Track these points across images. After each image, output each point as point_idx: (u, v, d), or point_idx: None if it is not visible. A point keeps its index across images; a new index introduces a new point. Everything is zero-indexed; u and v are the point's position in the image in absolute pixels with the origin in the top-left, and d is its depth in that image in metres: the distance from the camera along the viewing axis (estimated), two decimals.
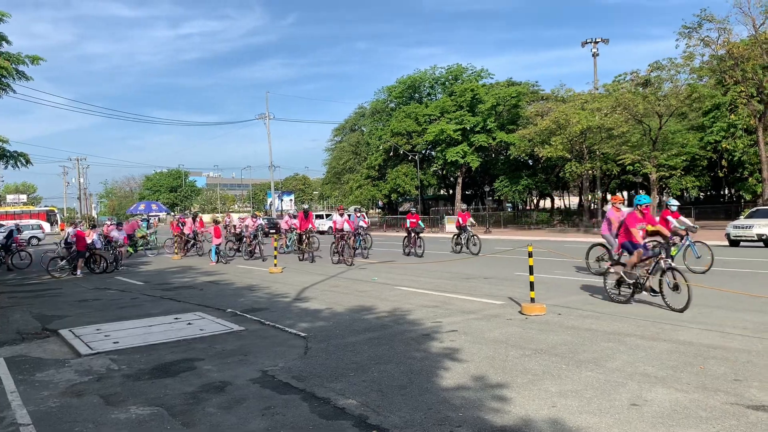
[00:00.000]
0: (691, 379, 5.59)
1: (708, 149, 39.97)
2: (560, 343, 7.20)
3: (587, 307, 9.73)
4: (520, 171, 49.30)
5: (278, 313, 10.10)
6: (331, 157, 64.67)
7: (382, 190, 53.99)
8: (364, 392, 5.52)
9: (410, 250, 21.63)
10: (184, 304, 11.56)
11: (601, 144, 37.25)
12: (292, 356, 7.02)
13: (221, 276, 16.58)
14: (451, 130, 47.14)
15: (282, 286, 13.65)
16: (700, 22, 31.32)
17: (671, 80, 34.64)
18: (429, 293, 11.83)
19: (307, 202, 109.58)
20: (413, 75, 54.41)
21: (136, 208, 48.37)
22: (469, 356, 6.74)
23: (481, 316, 9.16)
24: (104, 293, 13.79)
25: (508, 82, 53.06)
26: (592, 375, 5.85)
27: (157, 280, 16.07)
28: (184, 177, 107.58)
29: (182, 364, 6.80)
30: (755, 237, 22.61)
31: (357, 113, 62.60)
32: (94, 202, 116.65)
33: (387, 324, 8.79)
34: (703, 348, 6.75)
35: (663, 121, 34.98)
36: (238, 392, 5.68)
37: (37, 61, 19.85)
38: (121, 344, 7.93)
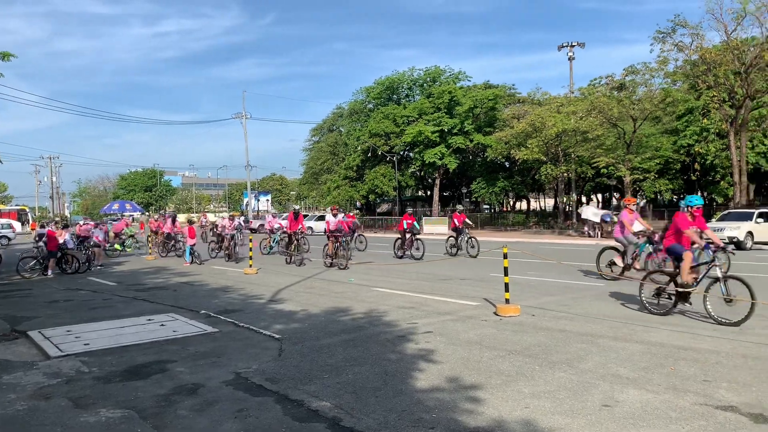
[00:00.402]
0: (661, 380, 5.66)
1: (681, 153, 40.61)
2: (534, 344, 7.25)
3: (561, 308, 9.82)
4: (497, 173, 49.61)
5: (252, 314, 10.03)
6: (309, 157, 64.52)
7: (360, 191, 53.96)
8: (338, 394, 5.50)
9: (404, 253, 20.51)
10: (158, 305, 11.41)
11: (576, 147, 37.68)
12: (266, 358, 6.96)
13: (195, 277, 16.40)
14: (429, 132, 47.28)
15: (257, 288, 13.55)
16: (674, 27, 31.87)
17: (645, 84, 35.19)
18: (405, 294, 11.83)
19: (284, 202, 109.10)
20: (391, 76, 54.46)
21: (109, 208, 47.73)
22: (443, 357, 6.75)
23: (456, 318, 9.19)
24: (76, 294, 13.56)
25: (486, 84, 53.41)
26: (565, 376, 5.89)
27: (131, 281, 15.86)
28: (159, 176, 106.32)
29: (154, 366, 6.71)
30: (726, 239, 22.98)
31: (335, 113, 62.56)
32: (67, 201, 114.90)
33: (362, 325, 8.78)
34: (674, 349, 6.85)
35: (637, 124, 35.49)
36: (210, 394, 5.62)
37: (7, 58, 19.47)
38: (92, 346, 7.80)
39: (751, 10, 28.82)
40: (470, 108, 47.09)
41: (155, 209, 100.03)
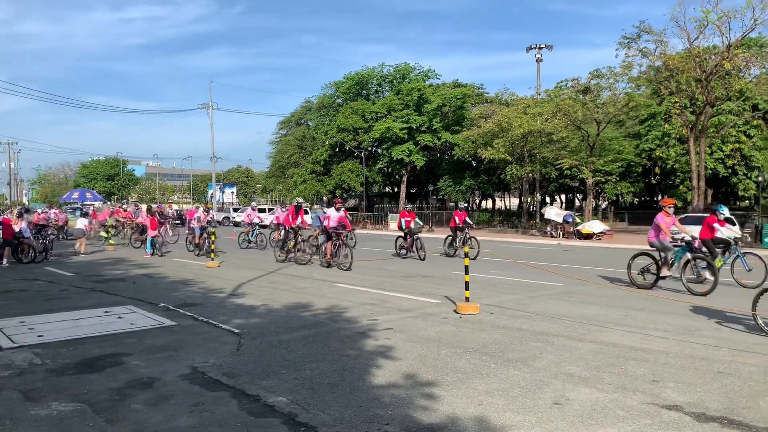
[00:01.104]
0: (612, 380, 5.81)
1: (643, 156, 41.54)
2: (491, 342, 7.37)
3: (519, 307, 9.98)
4: (464, 171, 50.02)
5: (212, 308, 9.96)
6: (276, 150, 64.13)
7: (327, 186, 53.87)
8: (294, 390, 5.51)
9: (407, 252, 19.22)
10: (116, 297, 11.25)
11: (541, 148, 38.23)
12: (224, 353, 6.94)
13: (156, 269, 16.20)
14: (397, 129, 47.43)
15: (218, 281, 13.45)
16: (639, 33, 32.49)
17: (610, 88, 35.87)
18: (368, 291, 11.88)
19: (250, 195, 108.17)
20: (361, 71, 54.44)
21: (69, 196, 46.66)
22: (402, 354, 6.81)
23: (416, 315, 9.27)
24: (31, 284, 13.28)
25: (454, 83, 53.75)
26: (519, 374, 6.01)
27: (89, 272, 15.58)
28: (122, 165, 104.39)
29: (109, 359, 6.63)
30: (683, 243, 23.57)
31: (303, 107, 62.26)
32: (26, 188, 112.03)
33: (323, 321, 8.80)
34: (626, 349, 7.03)
35: (601, 127, 36.16)
36: (166, 388, 5.59)
37: None
38: (46, 338, 7.67)
39: (713, 20, 29.55)
40: (439, 106, 47.37)
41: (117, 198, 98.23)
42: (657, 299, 10.93)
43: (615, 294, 11.68)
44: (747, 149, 38.70)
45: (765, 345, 7.23)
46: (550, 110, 36.55)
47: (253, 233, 23.98)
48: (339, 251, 16.29)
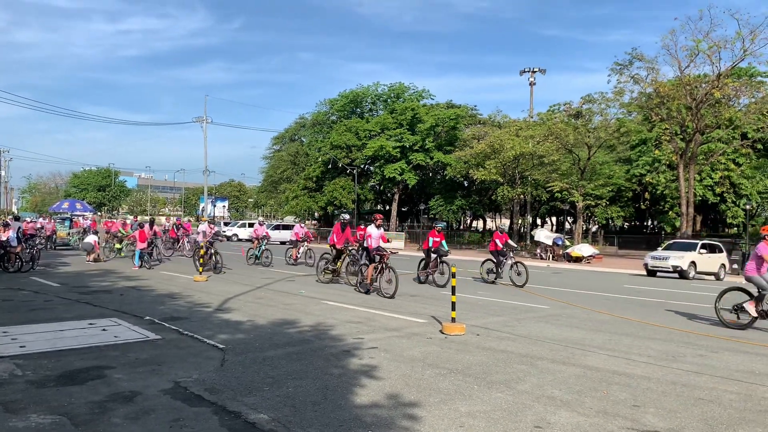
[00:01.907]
0: (593, 404, 5.83)
1: (633, 181, 41.89)
2: (475, 364, 7.37)
3: (505, 329, 10.00)
4: (455, 191, 50.25)
5: (198, 323, 9.92)
6: (269, 165, 64.18)
7: (319, 202, 53.93)
8: (276, 407, 5.50)
9: (428, 277, 17.29)
10: (101, 309, 11.18)
11: (532, 170, 38.50)
12: (208, 368, 6.91)
13: (143, 282, 16.12)
14: (390, 147, 47.65)
15: (205, 296, 13.40)
16: (631, 60, 33.01)
17: (601, 113, 36.29)
18: (355, 309, 11.87)
19: (242, 209, 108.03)
20: (356, 90, 54.79)
21: (59, 206, 46.37)
22: (386, 374, 6.81)
23: (402, 334, 9.27)
24: (16, 294, 13.18)
25: (448, 104, 54.20)
26: (502, 396, 6.02)
27: (75, 283, 15.48)
28: (114, 176, 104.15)
29: (91, 372, 6.59)
30: (670, 268, 23.78)
31: (298, 123, 62.46)
32: (16, 197, 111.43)
33: (308, 339, 8.78)
34: (609, 374, 7.06)
35: (592, 152, 36.51)
36: (147, 403, 5.55)
37: None
38: (28, 348, 7.61)
39: (704, 49, 30.07)
40: (432, 126, 47.68)
41: (108, 210, 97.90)
42: (639, 324, 10.97)
43: (600, 318, 11.72)
44: (736, 177, 39.14)
45: (746, 373, 7.28)
46: (542, 133, 36.88)
47: (259, 249, 23.13)
48: (381, 276, 14.41)
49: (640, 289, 18.46)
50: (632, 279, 23.25)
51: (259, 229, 23.75)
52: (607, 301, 14.59)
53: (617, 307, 13.47)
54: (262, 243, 23.20)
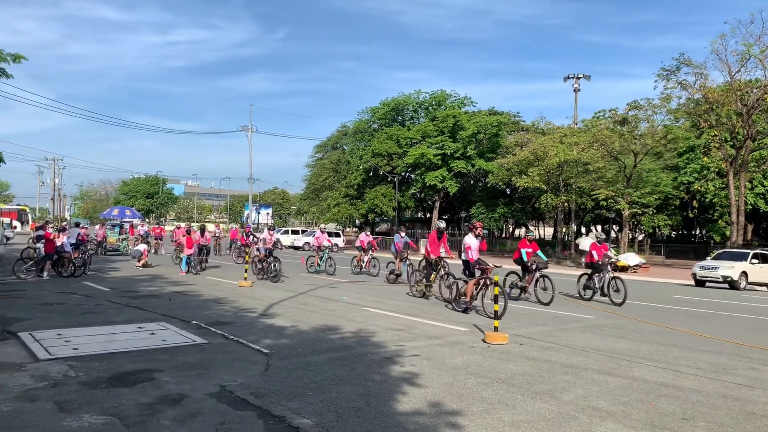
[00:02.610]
0: (640, 416, 5.72)
1: (681, 189, 40.87)
2: (518, 374, 7.31)
3: (549, 338, 9.88)
4: (497, 199, 49.86)
5: (243, 327, 10.09)
6: (312, 173, 64.83)
7: (360, 210, 54.16)
8: (320, 412, 5.56)
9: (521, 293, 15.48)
10: (149, 313, 11.47)
11: (577, 178, 37.91)
12: (253, 372, 7.02)
13: (189, 287, 16.47)
14: (431, 155, 47.59)
15: (250, 301, 13.61)
16: (678, 65, 32.30)
17: (648, 120, 35.55)
18: (396, 316, 11.89)
19: (285, 216, 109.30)
20: (397, 98, 54.96)
21: (109, 213, 47.71)
22: (428, 382, 6.81)
23: (444, 342, 9.25)
24: (69, 297, 13.62)
25: (490, 111, 53.86)
26: (546, 407, 5.95)
27: (124, 288, 15.92)
28: (161, 184, 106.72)
29: (141, 375, 6.77)
30: (720, 278, 23.12)
31: (339, 131, 62.95)
32: (68, 203, 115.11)
33: (350, 345, 8.84)
34: (656, 385, 6.91)
35: (638, 159, 35.77)
36: (194, 406, 5.68)
37: (19, 60, 19.74)
38: (81, 351, 7.86)
39: (755, 53, 29.23)
40: (474, 133, 47.46)
41: (156, 216, 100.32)
42: (688, 335, 10.70)
43: (647, 329, 11.47)
44: None
45: None
46: (586, 140, 36.31)
47: (322, 258, 22.47)
48: (482, 293, 12.58)
49: (689, 300, 17.99)
50: (680, 289, 22.67)
51: (321, 237, 22.99)
52: (655, 312, 14.25)
53: (665, 318, 13.15)
54: (325, 251, 22.55)
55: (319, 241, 22.82)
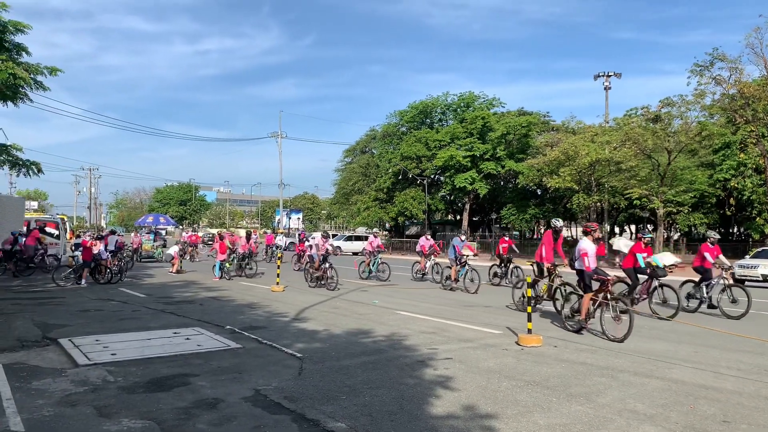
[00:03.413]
0: (679, 419, 5.61)
1: (717, 187, 39.94)
2: (553, 376, 7.23)
3: (584, 340, 9.74)
4: (528, 200, 49.39)
5: (276, 332, 10.17)
6: (341, 177, 65.04)
7: (390, 213, 54.16)
8: (354, 416, 5.57)
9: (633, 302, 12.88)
10: (184, 318, 11.64)
11: (609, 177, 37.34)
12: (286, 376, 7.07)
13: (223, 292, 16.67)
14: (460, 157, 47.38)
15: (282, 305, 13.71)
16: (712, 60, 31.63)
17: (681, 117, 34.84)
18: (428, 319, 11.86)
19: (315, 221, 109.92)
20: (425, 100, 54.86)
21: (144, 220, 48.62)
22: (461, 385, 6.77)
23: (477, 345, 9.19)
24: (106, 304, 13.89)
25: (519, 111, 53.42)
26: (582, 409, 5.87)
27: (160, 294, 16.18)
28: (194, 191, 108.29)
29: (177, 379, 6.87)
30: (760, 277, 22.57)
31: (368, 135, 63.06)
32: (104, 212, 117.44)
33: (383, 348, 8.84)
34: (695, 387, 6.77)
35: (672, 157, 35.10)
36: (229, 410, 5.74)
37: (55, 72, 20.21)
38: (119, 356, 8.01)
39: None
40: (503, 134, 47.10)
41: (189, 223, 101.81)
42: (728, 336, 10.44)
43: (685, 330, 11.24)
44: None
45: None
46: (618, 138, 35.75)
47: (375, 263, 21.64)
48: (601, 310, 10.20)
49: None
50: None
51: (374, 241, 22.02)
52: (692, 312, 13.95)
53: (702, 318, 12.88)
54: (377, 256, 21.67)
55: (372, 246, 21.97)
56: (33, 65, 19.88)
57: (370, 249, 21.84)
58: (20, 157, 21.72)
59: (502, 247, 19.16)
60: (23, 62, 19.69)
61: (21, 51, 19.97)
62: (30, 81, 19.13)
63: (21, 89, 19.41)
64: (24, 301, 14.31)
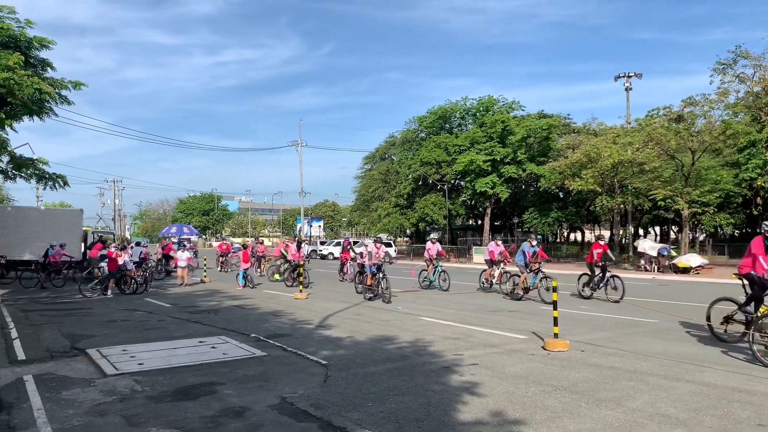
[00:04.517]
0: (713, 422, 5.49)
1: (743, 186, 39.30)
2: (581, 381, 7.13)
3: (611, 344, 9.61)
4: (550, 203, 48.99)
5: (300, 339, 10.18)
6: (361, 184, 65.15)
7: (410, 219, 54.08)
8: (380, 423, 5.54)
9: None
10: (209, 327, 11.71)
11: (632, 178, 36.93)
12: (312, 384, 7.07)
13: (247, 300, 16.75)
14: (480, 161, 47.19)
15: (306, 313, 13.74)
16: (735, 58, 31.27)
17: (705, 116, 34.33)
18: (452, 325, 11.79)
19: (336, 228, 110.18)
20: (444, 105, 54.81)
21: (168, 231, 49.24)
22: (488, 391, 6.71)
23: (503, 350, 9.11)
24: (132, 314, 14.03)
25: (540, 114, 53.11)
26: (612, 414, 5.78)
27: (184, 303, 16.30)
28: (216, 201, 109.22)
29: (203, 388, 6.90)
30: None
31: (387, 142, 63.13)
32: (128, 223, 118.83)
33: (408, 355, 8.80)
34: (728, 390, 6.63)
35: (696, 157, 34.62)
36: (256, 418, 5.75)
37: (79, 87, 20.57)
38: (146, 366, 8.07)
39: None
40: (523, 137, 46.84)
41: (212, 233, 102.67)
42: None
43: None
44: None
45: None
46: (641, 139, 35.33)
47: (435, 272, 20.18)
48: None
49: None
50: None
51: (433, 248, 20.29)
52: (722, 314, 13.67)
53: None
54: (438, 264, 20.16)
55: (430, 253, 20.35)
56: (57, 80, 20.24)
57: (429, 256, 20.42)
58: (47, 171, 22.10)
59: (596, 252, 16.42)
60: (48, 77, 20.06)
61: (46, 66, 20.35)
62: (55, 95, 19.47)
63: (46, 104, 19.75)
64: (52, 312, 14.50)
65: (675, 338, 10.23)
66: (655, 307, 14.90)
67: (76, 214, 26.81)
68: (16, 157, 21.77)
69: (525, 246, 16.83)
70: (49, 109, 20.61)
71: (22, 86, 17.08)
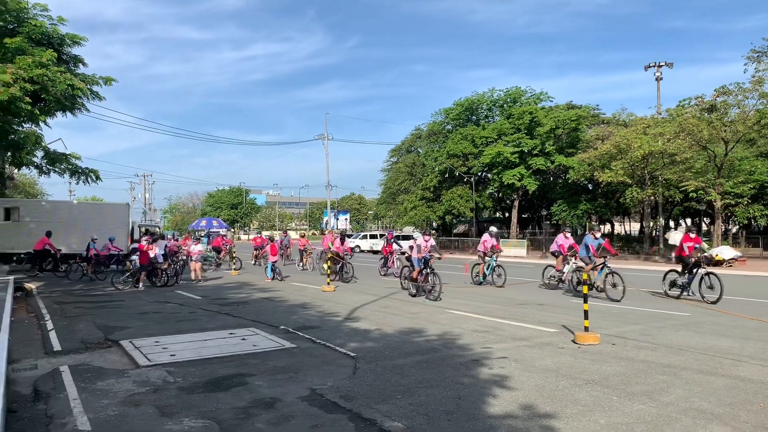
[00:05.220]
0: (749, 418, 5.39)
1: None
2: (613, 374, 7.05)
3: (643, 337, 9.48)
4: (579, 195, 48.41)
5: (329, 331, 10.23)
6: (387, 177, 65.16)
7: (437, 212, 53.93)
8: (410, 415, 5.54)
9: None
10: (239, 319, 11.83)
11: (663, 170, 36.30)
12: (341, 376, 7.10)
13: (276, 293, 16.88)
14: (508, 153, 46.79)
15: (334, 305, 13.80)
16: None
17: (739, 105, 33.50)
18: (480, 318, 11.75)
19: (362, 221, 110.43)
20: (471, 97, 54.37)
21: (197, 224, 49.87)
22: (518, 384, 6.67)
23: (532, 344, 9.05)
24: (164, 306, 14.24)
25: (568, 105, 52.45)
26: (645, 408, 5.70)
27: (215, 295, 16.50)
28: (244, 194, 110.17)
29: (234, 379, 6.98)
30: None
31: (413, 134, 62.95)
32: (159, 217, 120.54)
33: (436, 347, 8.79)
34: (764, 385, 6.49)
35: (729, 147, 33.88)
36: (286, 409, 5.79)
37: (110, 82, 20.89)
38: (178, 357, 8.19)
39: None
40: (551, 129, 46.30)
41: (240, 226, 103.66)
42: None
43: (750, 325, 10.81)
44: None
45: None
46: (672, 130, 34.67)
47: (489, 267, 18.86)
48: None
49: None
50: None
51: (489, 241, 18.90)
52: (756, 307, 13.42)
53: (766, 314, 12.38)
54: (493, 258, 18.81)
55: (485, 246, 18.94)
56: (89, 76, 20.58)
57: (483, 250, 19.00)
58: (79, 166, 22.52)
59: (687, 246, 14.53)
60: (80, 73, 20.41)
61: (78, 62, 20.70)
62: (87, 91, 19.80)
63: (78, 99, 20.10)
64: (85, 304, 14.79)
65: (709, 331, 10.06)
66: (689, 299, 14.64)
67: (123, 208, 27.36)
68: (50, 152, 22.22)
69: (588, 239, 15.65)
70: (81, 105, 21.00)
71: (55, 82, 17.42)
